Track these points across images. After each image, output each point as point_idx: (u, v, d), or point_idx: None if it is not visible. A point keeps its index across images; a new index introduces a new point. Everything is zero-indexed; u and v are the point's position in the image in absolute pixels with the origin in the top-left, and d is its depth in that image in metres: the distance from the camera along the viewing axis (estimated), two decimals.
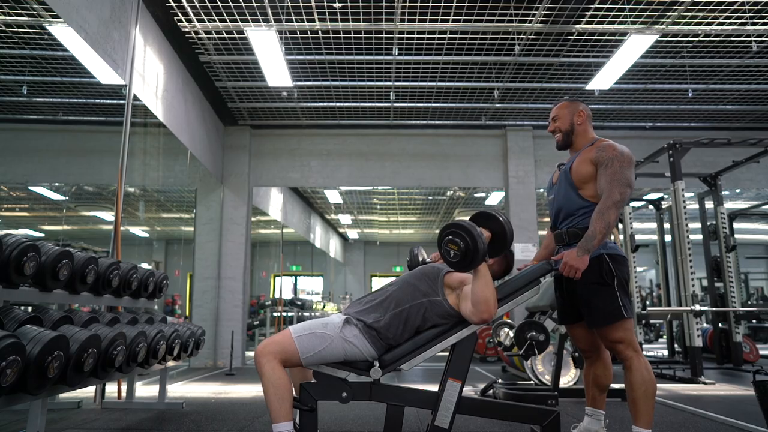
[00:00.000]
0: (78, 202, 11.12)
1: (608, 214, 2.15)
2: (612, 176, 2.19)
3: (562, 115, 2.46)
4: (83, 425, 3.19)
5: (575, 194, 2.32)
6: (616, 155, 2.22)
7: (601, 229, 2.14)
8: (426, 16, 5.09)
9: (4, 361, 1.93)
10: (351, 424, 3.19)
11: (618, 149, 2.25)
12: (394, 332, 2.09)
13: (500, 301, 2.17)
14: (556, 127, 2.47)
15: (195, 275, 7.50)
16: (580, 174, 2.31)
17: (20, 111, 7.33)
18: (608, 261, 2.23)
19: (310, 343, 2.00)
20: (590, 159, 2.29)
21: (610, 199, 2.16)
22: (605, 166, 2.22)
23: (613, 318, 2.19)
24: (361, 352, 2.06)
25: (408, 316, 2.12)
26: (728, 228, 7.00)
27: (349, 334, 2.05)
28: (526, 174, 7.75)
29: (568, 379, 4.52)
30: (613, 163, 2.20)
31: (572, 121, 2.44)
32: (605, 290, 2.21)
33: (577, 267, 2.15)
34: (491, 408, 2.28)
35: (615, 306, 2.20)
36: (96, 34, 3.91)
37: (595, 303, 2.23)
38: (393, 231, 16.17)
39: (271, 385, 1.93)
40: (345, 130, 7.92)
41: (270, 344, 1.99)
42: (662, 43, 5.58)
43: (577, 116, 2.44)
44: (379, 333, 2.08)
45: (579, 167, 2.32)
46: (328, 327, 2.05)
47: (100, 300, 3.29)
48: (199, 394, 4.60)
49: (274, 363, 1.94)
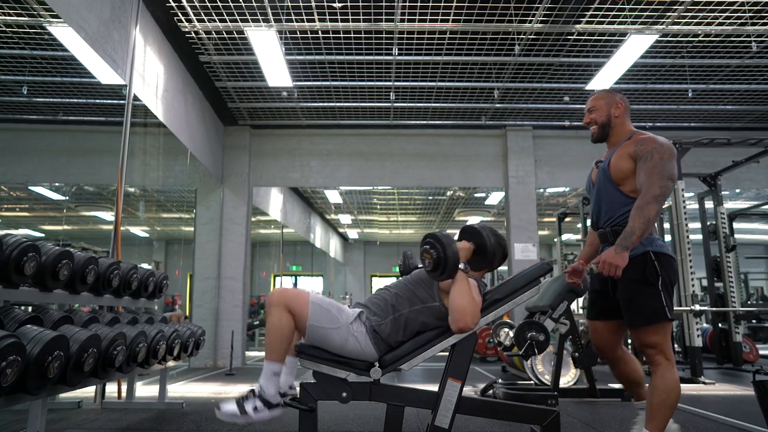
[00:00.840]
0: (78, 202, 11.12)
1: (648, 210, 2.04)
2: (651, 169, 2.08)
3: (599, 107, 2.35)
4: (83, 425, 3.19)
5: (615, 191, 2.23)
6: (656, 147, 2.12)
7: (640, 225, 2.03)
8: (426, 16, 5.09)
9: (5, 361, 1.93)
10: (351, 424, 3.19)
11: (658, 141, 2.15)
12: (395, 337, 2.13)
13: (499, 301, 2.17)
14: (592, 119, 2.36)
15: (195, 275, 7.50)
16: (619, 170, 2.21)
17: (20, 111, 7.33)
18: (654, 259, 2.13)
19: (321, 317, 2.05)
20: (629, 154, 2.19)
21: (650, 193, 2.06)
22: (644, 159, 2.12)
23: (655, 319, 2.10)
24: (362, 351, 2.07)
25: (407, 322, 2.14)
26: (728, 228, 7.00)
27: (356, 329, 2.08)
28: (526, 174, 7.75)
29: (568, 379, 4.52)
30: (653, 155, 2.10)
31: (609, 113, 2.33)
32: (648, 289, 2.12)
33: (617, 265, 2.04)
34: (491, 408, 2.27)
35: (658, 306, 2.10)
36: (96, 34, 3.91)
37: (637, 302, 2.13)
38: (393, 231, 16.17)
39: (276, 327, 2.02)
40: (345, 130, 7.92)
41: (287, 295, 2.06)
42: (662, 43, 5.58)
43: (615, 108, 2.33)
44: (381, 337, 2.10)
45: (618, 163, 2.22)
46: (342, 314, 2.09)
47: (100, 300, 3.29)
48: (199, 394, 4.60)
49: (283, 310, 2.02)
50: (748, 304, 10.51)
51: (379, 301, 2.20)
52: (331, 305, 2.11)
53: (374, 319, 2.12)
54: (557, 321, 3.62)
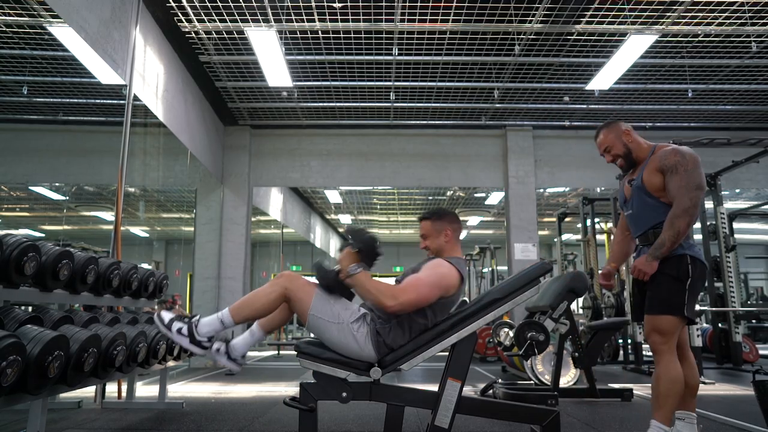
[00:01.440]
0: (78, 202, 11.13)
1: (678, 222, 2.18)
2: (679, 182, 2.21)
3: (612, 142, 2.47)
4: (83, 425, 3.19)
5: (655, 201, 2.33)
6: (680, 160, 2.24)
7: (671, 236, 2.18)
8: (426, 16, 5.09)
9: (5, 361, 1.93)
10: (351, 424, 3.19)
11: (680, 153, 2.26)
12: (400, 341, 2.13)
13: (499, 301, 2.18)
14: (614, 156, 2.48)
15: (195, 275, 7.50)
16: (652, 185, 2.33)
17: (20, 111, 7.33)
18: (689, 262, 2.24)
19: (323, 309, 2.09)
20: (656, 168, 2.31)
21: (680, 206, 2.19)
22: (671, 172, 2.24)
23: (672, 310, 2.20)
24: (360, 351, 2.09)
25: (410, 323, 2.14)
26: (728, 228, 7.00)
27: (358, 329, 2.10)
28: (526, 174, 7.75)
29: (568, 379, 4.52)
30: (678, 168, 2.23)
31: (624, 143, 2.45)
32: (676, 285, 2.23)
33: (646, 271, 2.23)
34: (491, 408, 2.28)
35: (679, 301, 2.21)
36: (96, 34, 3.91)
37: (662, 292, 2.24)
38: (393, 231, 16.17)
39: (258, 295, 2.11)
40: (345, 130, 7.92)
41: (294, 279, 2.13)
42: (662, 43, 5.58)
43: (625, 136, 2.45)
44: (385, 341, 2.11)
45: (650, 180, 2.33)
46: (346, 312, 2.12)
47: (100, 300, 3.29)
48: (199, 394, 4.60)
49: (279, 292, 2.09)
50: (747, 304, 10.51)
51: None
52: (337, 302, 2.13)
53: (379, 322, 2.13)
54: (557, 321, 3.62)
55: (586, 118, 7.64)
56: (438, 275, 2.17)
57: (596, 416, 3.43)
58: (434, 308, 2.16)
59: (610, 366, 6.75)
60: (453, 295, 2.21)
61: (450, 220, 2.40)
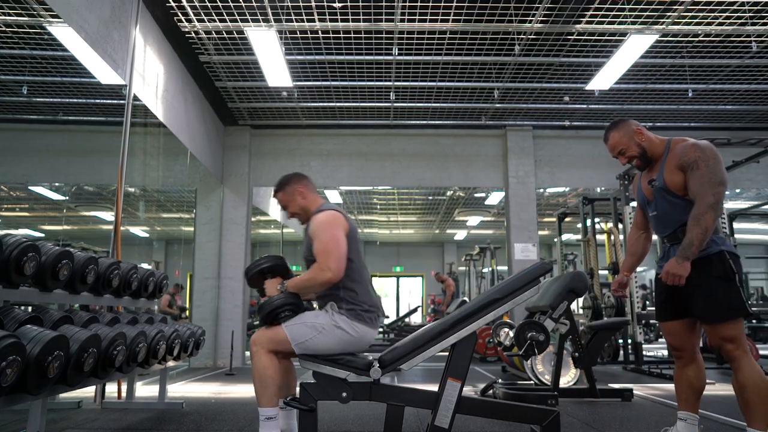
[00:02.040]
0: (78, 202, 11.13)
1: (704, 220, 2.11)
2: (701, 178, 2.15)
3: (625, 143, 2.40)
4: (83, 425, 3.19)
5: (680, 201, 2.27)
6: (700, 156, 2.17)
7: (698, 234, 2.12)
8: (426, 16, 5.09)
9: (5, 361, 1.93)
10: (351, 424, 3.19)
11: (700, 148, 2.20)
12: (356, 286, 2.29)
13: (499, 301, 2.18)
14: (629, 157, 2.41)
15: (195, 275, 7.50)
16: (675, 184, 2.27)
17: (20, 111, 7.33)
18: (729, 258, 2.20)
19: (300, 332, 2.15)
20: (676, 166, 2.25)
21: (704, 203, 2.12)
22: (692, 169, 2.18)
23: (737, 313, 2.15)
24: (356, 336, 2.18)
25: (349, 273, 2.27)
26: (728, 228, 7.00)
27: (339, 320, 2.21)
28: (526, 174, 7.75)
29: (568, 379, 4.52)
30: (699, 164, 2.16)
31: (637, 142, 2.38)
32: (728, 285, 2.17)
33: (680, 274, 2.13)
34: (491, 408, 2.28)
35: (739, 301, 2.15)
36: (96, 34, 3.91)
37: (719, 297, 2.16)
38: (393, 231, 16.17)
39: (257, 373, 2.12)
40: (345, 130, 7.92)
41: (262, 334, 2.17)
42: (662, 43, 5.58)
43: (637, 135, 2.39)
44: (352, 298, 2.25)
45: (671, 178, 2.28)
46: (319, 317, 2.21)
47: (100, 300, 3.29)
48: (199, 394, 4.60)
49: (262, 353, 2.13)
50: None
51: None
52: (304, 317, 2.22)
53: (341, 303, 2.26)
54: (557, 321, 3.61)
55: (586, 118, 7.64)
56: (326, 226, 2.28)
57: (596, 416, 3.43)
58: (350, 248, 2.29)
59: (610, 366, 6.75)
60: (351, 229, 2.34)
61: (296, 181, 2.53)
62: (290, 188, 2.51)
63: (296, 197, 2.50)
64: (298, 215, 2.53)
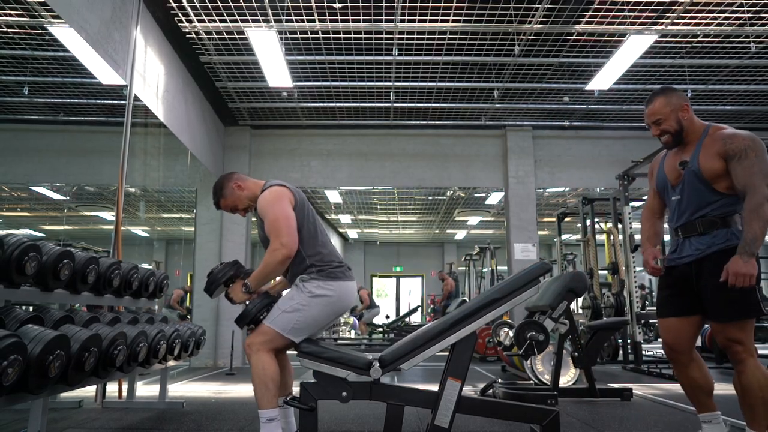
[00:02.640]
0: (79, 202, 11.13)
1: (763, 211, 1.98)
2: (751, 168, 2.02)
3: (666, 115, 2.21)
4: (84, 425, 3.20)
5: (708, 189, 2.15)
6: (748, 145, 2.06)
7: (761, 227, 1.98)
8: (426, 16, 5.10)
9: (6, 361, 1.94)
10: (351, 423, 3.20)
11: (748, 137, 2.09)
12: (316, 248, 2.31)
13: (498, 301, 2.18)
14: (663, 130, 2.24)
15: (195, 275, 7.51)
16: (711, 171, 2.12)
17: (21, 111, 7.33)
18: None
19: (284, 320, 2.17)
20: (717, 153, 2.11)
21: (760, 194, 1.99)
22: (739, 158, 2.05)
23: (750, 313, 2.05)
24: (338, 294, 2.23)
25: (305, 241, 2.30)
26: None
27: (313, 288, 2.23)
28: (526, 174, 7.75)
29: (567, 378, 4.53)
30: (748, 154, 2.04)
31: (679, 119, 2.21)
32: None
33: (750, 273, 1.98)
34: (491, 407, 2.28)
35: (754, 299, 2.04)
36: (97, 34, 3.92)
37: (733, 296, 2.04)
38: (393, 231, 16.17)
39: (256, 375, 2.12)
40: (345, 130, 7.92)
41: (255, 335, 2.19)
42: (661, 44, 5.59)
43: (683, 111, 2.20)
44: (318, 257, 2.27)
45: (708, 164, 2.13)
46: (294, 298, 2.23)
47: (101, 300, 3.30)
48: (200, 393, 4.61)
49: (260, 354, 2.14)
50: None
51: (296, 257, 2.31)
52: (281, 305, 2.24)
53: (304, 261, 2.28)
54: (557, 321, 3.62)
55: (586, 119, 7.65)
56: (273, 202, 2.29)
57: (596, 416, 3.44)
58: (299, 217, 2.31)
59: (609, 366, 6.76)
60: (297, 199, 2.35)
61: (227, 181, 2.50)
62: (227, 190, 2.46)
63: (237, 193, 2.46)
64: (250, 207, 2.50)
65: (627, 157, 7.29)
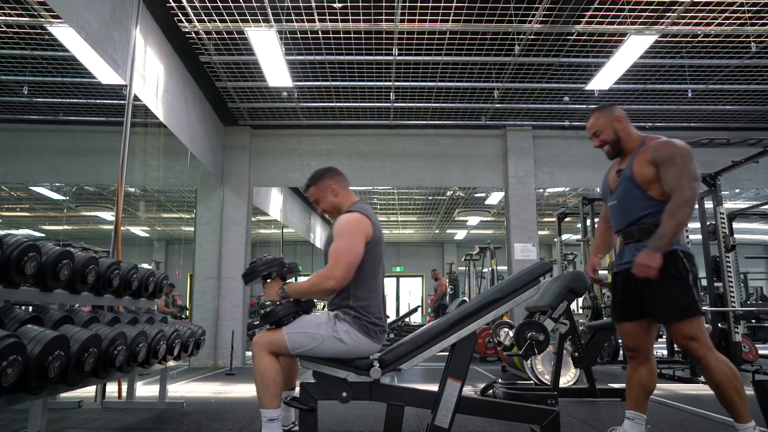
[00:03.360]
0: (78, 202, 11.13)
1: (680, 213, 2.12)
2: (677, 173, 2.15)
3: (602, 126, 2.42)
4: (84, 425, 3.20)
5: (642, 195, 2.28)
6: (675, 151, 2.19)
7: (672, 227, 2.11)
8: (426, 16, 5.09)
9: (5, 361, 1.94)
10: (351, 424, 3.20)
11: (675, 144, 2.22)
12: (366, 296, 2.22)
13: (498, 301, 2.18)
14: (602, 141, 2.43)
15: (195, 275, 7.51)
16: (643, 177, 2.27)
17: (21, 111, 7.33)
18: (683, 257, 2.20)
19: (300, 341, 2.12)
20: (648, 160, 2.25)
21: (681, 197, 2.13)
22: (667, 164, 2.19)
23: (689, 313, 2.15)
24: (358, 347, 2.12)
25: (361, 280, 2.23)
26: (727, 228, 6.99)
27: (340, 330, 2.13)
28: (526, 174, 7.75)
29: (567, 378, 4.52)
30: (675, 159, 2.17)
31: (614, 129, 2.40)
32: (681, 285, 2.18)
33: (651, 265, 2.10)
34: (491, 408, 2.28)
35: (691, 300, 2.16)
36: (96, 34, 3.92)
37: (671, 298, 2.17)
38: (393, 231, 16.17)
39: (259, 375, 2.09)
40: (345, 130, 7.92)
41: (263, 336, 2.17)
42: (662, 44, 5.58)
43: (617, 122, 2.40)
44: (363, 309, 2.18)
45: (640, 171, 2.28)
46: (321, 327, 2.15)
47: (100, 300, 3.29)
48: (200, 393, 4.61)
49: (263, 354, 2.11)
50: (747, 304, 10.51)
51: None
52: (306, 327, 2.16)
53: (343, 295, 2.22)
54: (557, 321, 3.62)
55: (586, 118, 7.59)
56: (349, 231, 2.23)
57: (596, 416, 3.44)
58: (367, 256, 2.24)
59: (609, 366, 6.75)
60: (374, 235, 2.30)
61: (329, 177, 2.45)
62: (323, 184, 2.44)
63: (328, 194, 2.43)
64: (328, 212, 2.48)
65: None
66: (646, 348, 2.37)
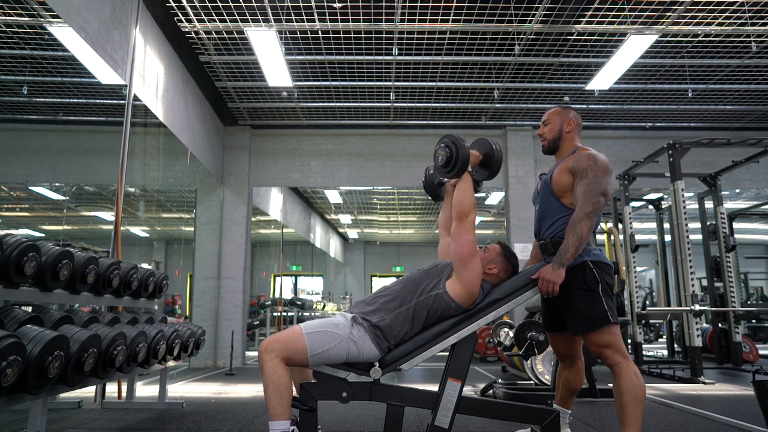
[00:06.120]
0: (78, 202, 11.13)
1: (580, 226, 2.13)
2: (586, 186, 2.17)
3: (552, 121, 2.45)
4: (83, 425, 3.20)
5: (557, 203, 2.31)
6: (591, 165, 2.20)
7: (574, 241, 2.12)
8: (426, 16, 5.09)
9: (5, 361, 1.93)
10: (351, 424, 3.19)
11: (594, 158, 2.22)
12: (399, 330, 2.09)
13: (499, 301, 2.18)
14: (545, 132, 2.48)
15: (195, 275, 7.50)
16: (559, 183, 2.30)
17: (21, 111, 7.33)
18: (592, 267, 2.21)
19: (320, 341, 2.00)
20: (568, 168, 2.28)
21: (582, 210, 2.14)
22: (581, 176, 2.20)
23: (599, 323, 2.16)
24: (359, 354, 2.05)
25: (414, 314, 2.11)
26: (728, 228, 7.00)
27: (356, 333, 2.05)
28: (526, 174, 7.75)
29: None
30: (587, 173, 2.18)
31: (561, 128, 2.43)
32: (590, 296, 2.19)
33: (554, 281, 2.12)
34: (491, 408, 2.28)
35: (600, 311, 2.17)
36: (96, 34, 3.91)
37: (579, 309, 2.20)
38: (393, 231, 16.17)
39: (271, 382, 1.90)
40: (345, 130, 7.92)
41: (275, 341, 1.97)
42: (662, 43, 5.58)
43: (567, 124, 2.43)
44: (384, 332, 2.07)
45: (558, 177, 2.31)
46: (339, 327, 2.05)
47: (100, 300, 3.29)
48: (200, 394, 4.60)
49: (276, 361, 1.92)
50: (747, 304, 10.52)
51: (380, 297, 2.17)
52: (324, 325, 2.05)
53: (377, 316, 2.09)
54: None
55: (586, 118, 7.64)
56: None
57: (596, 416, 3.44)
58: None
59: None
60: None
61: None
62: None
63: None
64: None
65: (627, 157, 7.30)
66: (573, 353, 2.46)
